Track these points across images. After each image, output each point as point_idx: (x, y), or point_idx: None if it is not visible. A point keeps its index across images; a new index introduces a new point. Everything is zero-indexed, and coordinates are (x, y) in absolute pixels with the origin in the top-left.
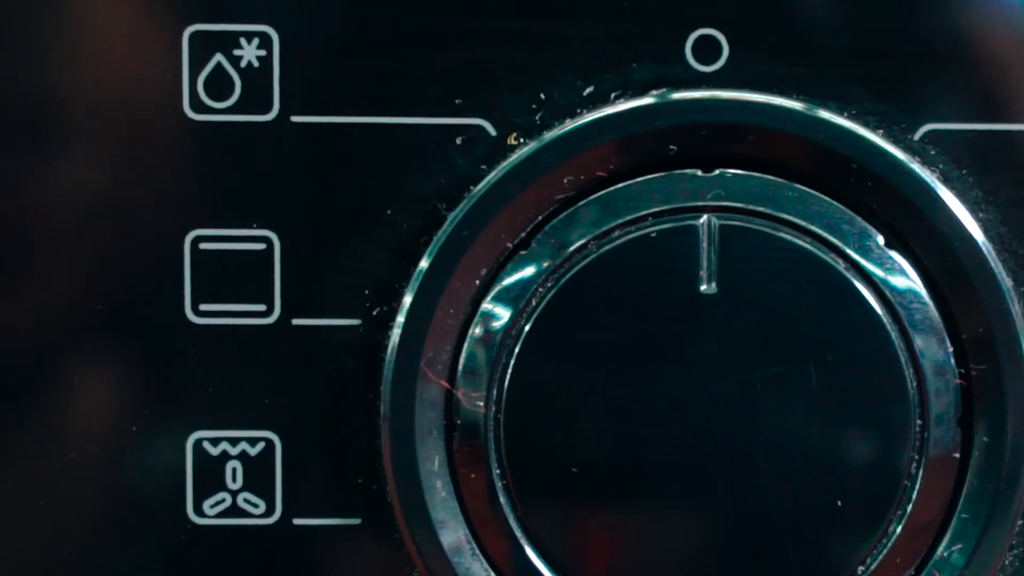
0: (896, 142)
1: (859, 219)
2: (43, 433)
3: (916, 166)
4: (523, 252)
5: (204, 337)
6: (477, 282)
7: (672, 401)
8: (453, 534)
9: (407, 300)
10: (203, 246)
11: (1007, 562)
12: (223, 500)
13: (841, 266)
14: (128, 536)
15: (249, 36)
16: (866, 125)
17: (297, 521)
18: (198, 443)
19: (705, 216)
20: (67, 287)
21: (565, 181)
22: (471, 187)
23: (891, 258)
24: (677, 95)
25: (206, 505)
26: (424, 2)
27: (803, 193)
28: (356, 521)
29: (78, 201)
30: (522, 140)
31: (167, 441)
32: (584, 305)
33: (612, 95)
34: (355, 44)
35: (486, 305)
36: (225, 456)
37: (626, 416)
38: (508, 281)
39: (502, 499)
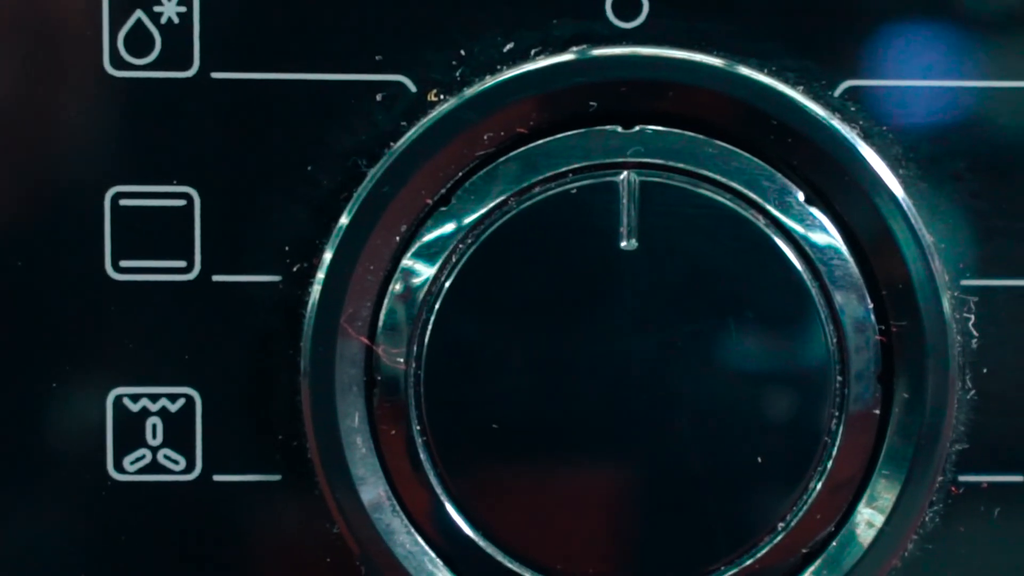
0: (816, 98)
1: (779, 175)
2: None
3: (836, 122)
4: (443, 208)
5: (124, 293)
6: (397, 238)
7: (592, 357)
8: (373, 490)
9: (327, 256)
10: (123, 202)
11: (927, 519)
12: (143, 457)
13: (761, 222)
14: (48, 493)
15: None
16: (786, 81)
17: (217, 477)
18: (118, 400)
19: (625, 172)
20: None
21: (485, 138)
22: (391, 143)
23: (811, 214)
24: (597, 51)
25: (126, 462)
26: None
27: (723, 149)
28: (276, 477)
29: None
30: (442, 96)
31: (87, 398)
32: (504, 261)
33: (532, 51)
34: (275, 1)
35: (406, 261)
36: (145, 412)
37: (546, 372)
38: (428, 237)
39: (422, 455)
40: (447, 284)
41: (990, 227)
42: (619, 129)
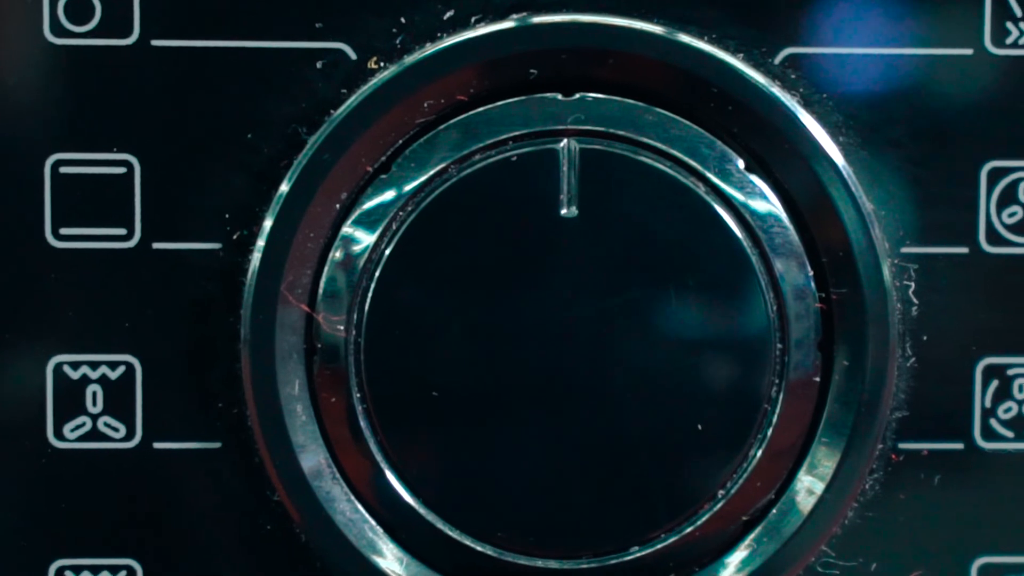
0: (756, 66)
1: (719, 143)
2: None
3: (776, 90)
4: (383, 176)
5: (64, 261)
6: (337, 206)
7: (532, 325)
8: (313, 458)
9: (267, 224)
10: (63, 170)
11: (867, 486)
12: (83, 424)
13: (701, 190)
14: None
15: None
16: (726, 49)
17: (157, 445)
18: (58, 367)
19: (565, 140)
20: None
21: (425, 105)
22: (331, 111)
23: (751, 182)
24: (537, 19)
25: (66, 429)
26: None
27: (663, 117)
28: (216, 445)
29: None
30: (382, 64)
31: (27, 365)
32: (445, 229)
33: (472, 19)
34: None
35: (346, 229)
36: (85, 380)
37: (486, 340)
38: (368, 205)
39: (362, 423)
40: (387, 251)
41: (930, 194)
42: (559, 97)
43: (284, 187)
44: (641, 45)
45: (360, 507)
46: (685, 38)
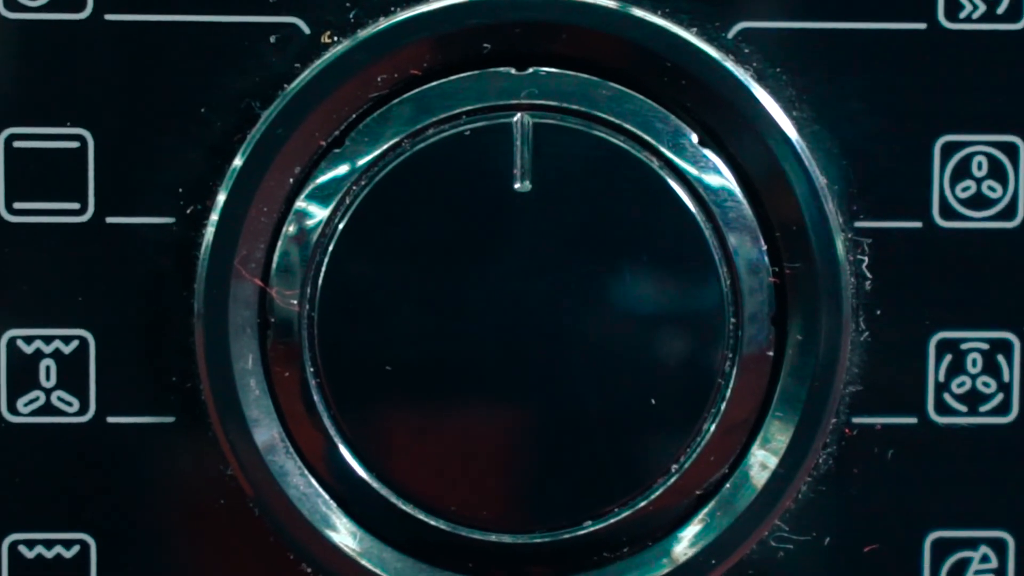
0: (710, 40)
1: (673, 117)
2: None
3: (730, 64)
4: (337, 150)
5: (18, 235)
6: (291, 180)
7: (486, 299)
8: (267, 432)
9: (221, 198)
10: (17, 144)
11: (820, 461)
12: (37, 398)
13: (655, 164)
14: None
15: None
16: (679, 23)
17: (111, 419)
18: (12, 342)
19: (519, 114)
20: None
21: (379, 80)
22: (285, 85)
23: (705, 156)
24: None
25: (20, 403)
26: None
27: (617, 91)
28: (170, 419)
29: None
30: (336, 38)
31: None
32: (398, 203)
33: None
34: None
35: (300, 203)
36: (39, 354)
37: (440, 314)
38: (322, 179)
39: (316, 397)
40: (341, 226)
41: (883, 169)
42: (513, 71)
43: (238, 161)
44: (594, 19)
45: (313, 481)
46: (638, 12)
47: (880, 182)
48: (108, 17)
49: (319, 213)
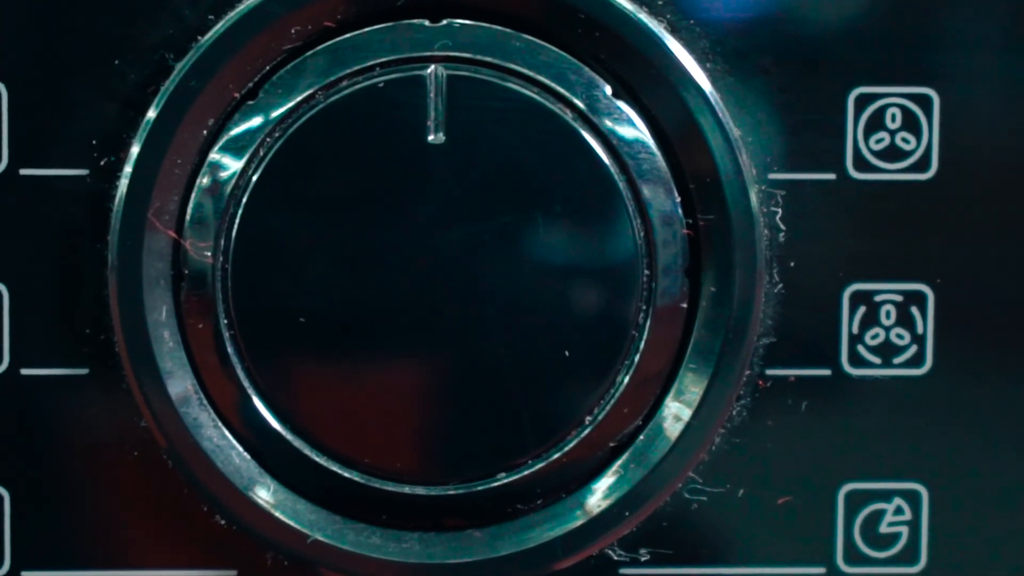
0: None
1: (587, 69)
2: None
3: (643, 16)
4: (251, 102)
5: None
6: (205, 132)
7: (399, 251)
8: (180, 384)
9: (135, 150)
10: None
11: (734, 412)
12: None
13: (569, 116)
14: None
15: None
16: None
17: (25, 371)
18: None
19: (433, 66)
20: None
21: (292, 31)
22: (198, 37)
23: (619, 108)
24: None
25: None
26: None
27: (531, 43)
28: (84, 371)
29: None
30: None
31: None
32: (312, 155)
33: None
34: None
35: (214, 155)
36: None
37: (353, 266)
38: (236, 131)
39: (229, 349)
40: (254, 178)
41: (797, 121)
42: (426, 23)
43: (151, 113)
44: None
45: (227, 433)
46: None
47: (794, 134)
48: None
49: (233, 165)
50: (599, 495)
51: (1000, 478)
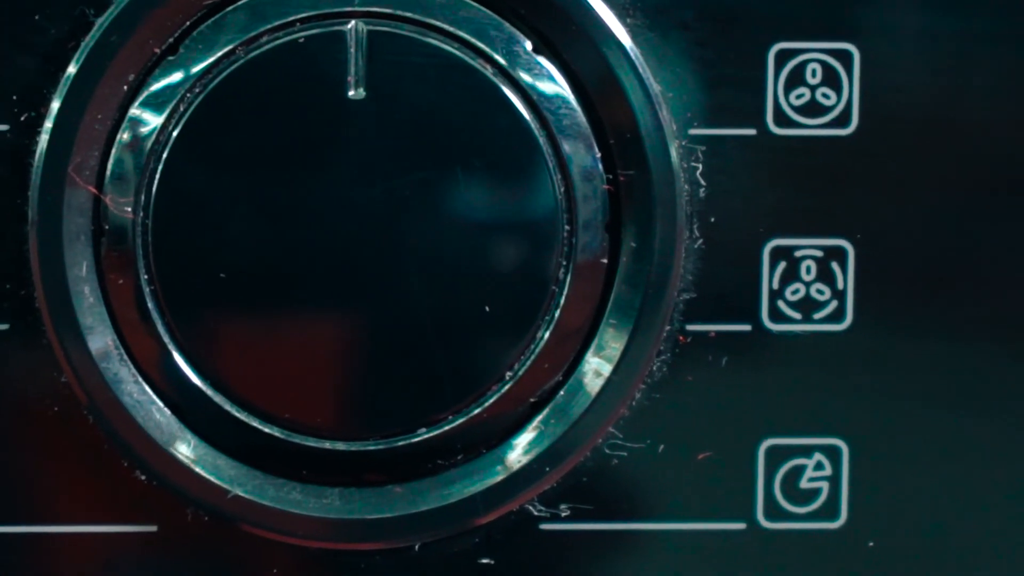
0: None
1: (507, 25)
2: None
3: None
4: (171, 58)
5: None
6: (125, 88)
7: (320, 207)
8: (101, 339)
9: (55, 105)
10: None
11: (655, 368)
12: None
13: (489, 72)
14: None
15: None
16: None
17: None
18: None
19: (353, 22)
20: None
21: None
22: None
23: (539, 63)
24: None
25: None
26: None
27: None
28: (4, 327)
29: None
30: None
31: None
32: (232, 111)
33: None
34: None
35: (134, 111)
36: None
37: (274, 222)
38: (156, 87)
39: (150, 304)
40: (175, 133)
41: (717, 76)
42: None
43: (71, 68)
44: None
45: (148, 389)
46: None
47: (714, 89)
48: None
49: (153, 120)
50: (519, 451)
51: (919, 433)
